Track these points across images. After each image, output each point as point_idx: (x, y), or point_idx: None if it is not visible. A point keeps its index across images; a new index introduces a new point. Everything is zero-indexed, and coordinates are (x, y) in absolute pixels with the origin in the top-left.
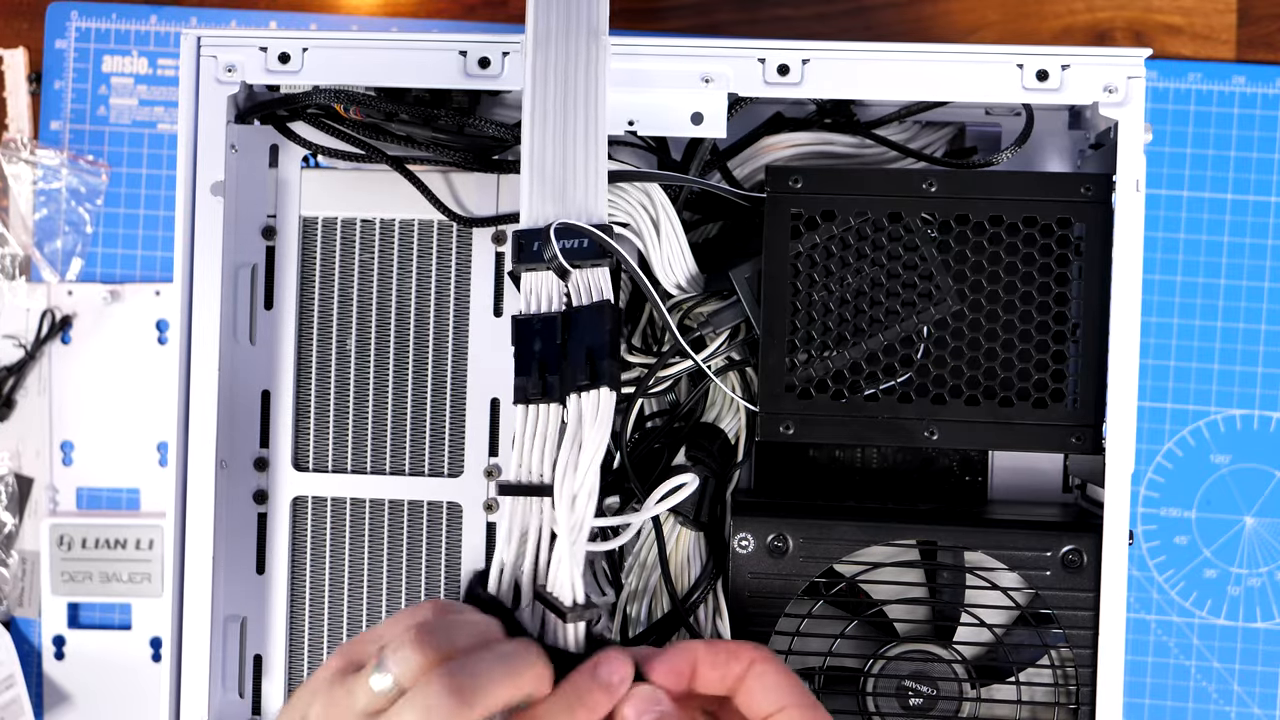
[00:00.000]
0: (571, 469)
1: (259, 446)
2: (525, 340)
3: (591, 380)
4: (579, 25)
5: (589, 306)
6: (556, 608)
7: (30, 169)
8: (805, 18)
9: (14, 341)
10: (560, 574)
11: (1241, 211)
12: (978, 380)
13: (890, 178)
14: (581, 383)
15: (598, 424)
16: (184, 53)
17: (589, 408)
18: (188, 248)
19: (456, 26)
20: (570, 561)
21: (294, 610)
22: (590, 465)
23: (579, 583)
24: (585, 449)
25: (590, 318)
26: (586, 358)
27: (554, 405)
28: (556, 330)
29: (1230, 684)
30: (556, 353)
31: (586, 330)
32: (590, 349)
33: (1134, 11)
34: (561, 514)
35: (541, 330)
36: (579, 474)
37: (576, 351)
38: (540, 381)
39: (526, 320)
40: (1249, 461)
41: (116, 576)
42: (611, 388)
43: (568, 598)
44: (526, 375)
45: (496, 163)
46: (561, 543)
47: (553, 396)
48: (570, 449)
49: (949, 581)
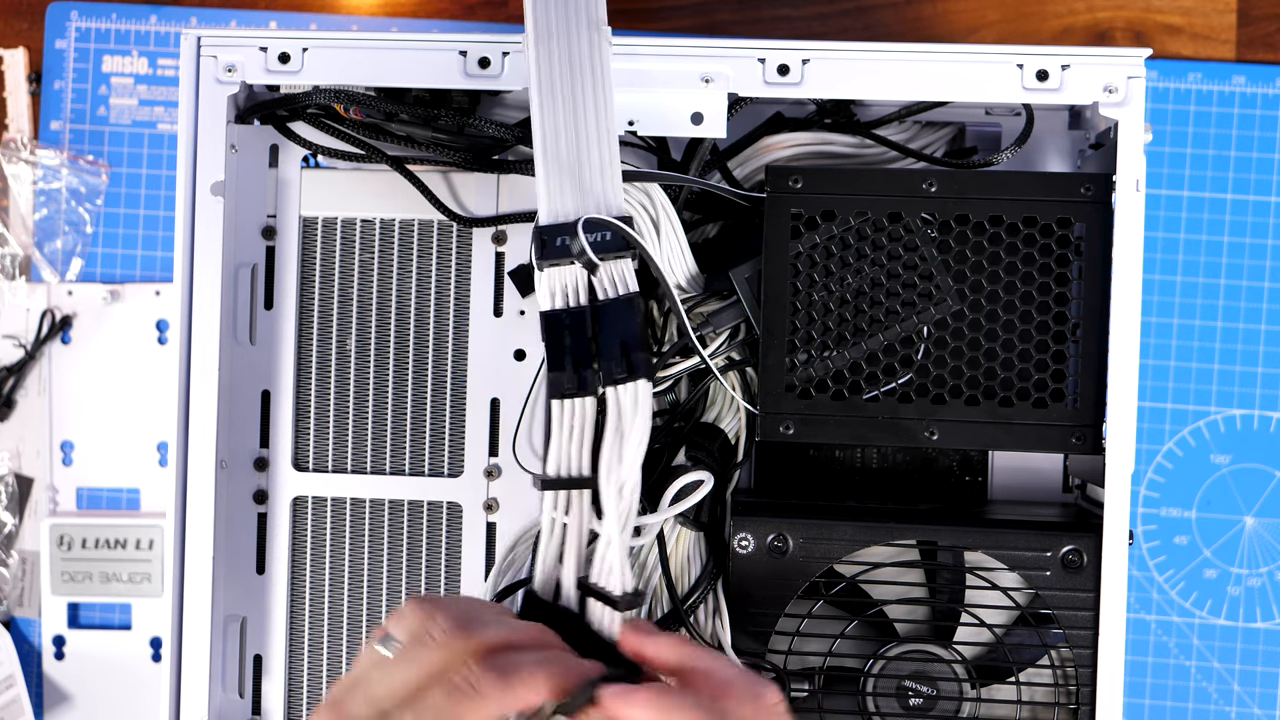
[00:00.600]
0: (617, 460)
1: (259, 446)
2: (555, 335)
3: (629, 373)
4: (578, 18)
5: (619, 300)
6: (608, 598)
7: (30, 169)
8: (805, 18)
9: (14, 341)
10: (612, 564)
11: (1241, 211)
12: (978, 380)
13: (890, 178)
14: (619, 375)
15: (639, 414)
16: (184, 53)
17: (628, 399)
18: (188, 248)
19: (456, 26)
20: (622, 551)
21: (294, 610)
22: (636, 455)
23: (629, 571)
24: (630, 439)
25: (621, 311)
26: (622, 351)
27: (589, 399)
28: (586, 324)
29: (1230, 684)
30: (587, 347)
31: (618, 323)
32: (624, 342)
33: (1134, 11)
34: (610, 503)
35: (571, 325)
36: (624, 465)
37: (610, 345)
38: (575, 376)
39: (555, 315)
40: (1249, 461)
41: (116, 576)
42: (649, 378)
43: (618, 587)
44: (561, 370)
45: (496, 163)
46: (611, 532)
47: (588, 390)
48: (614, 440)
49: (949, 581)
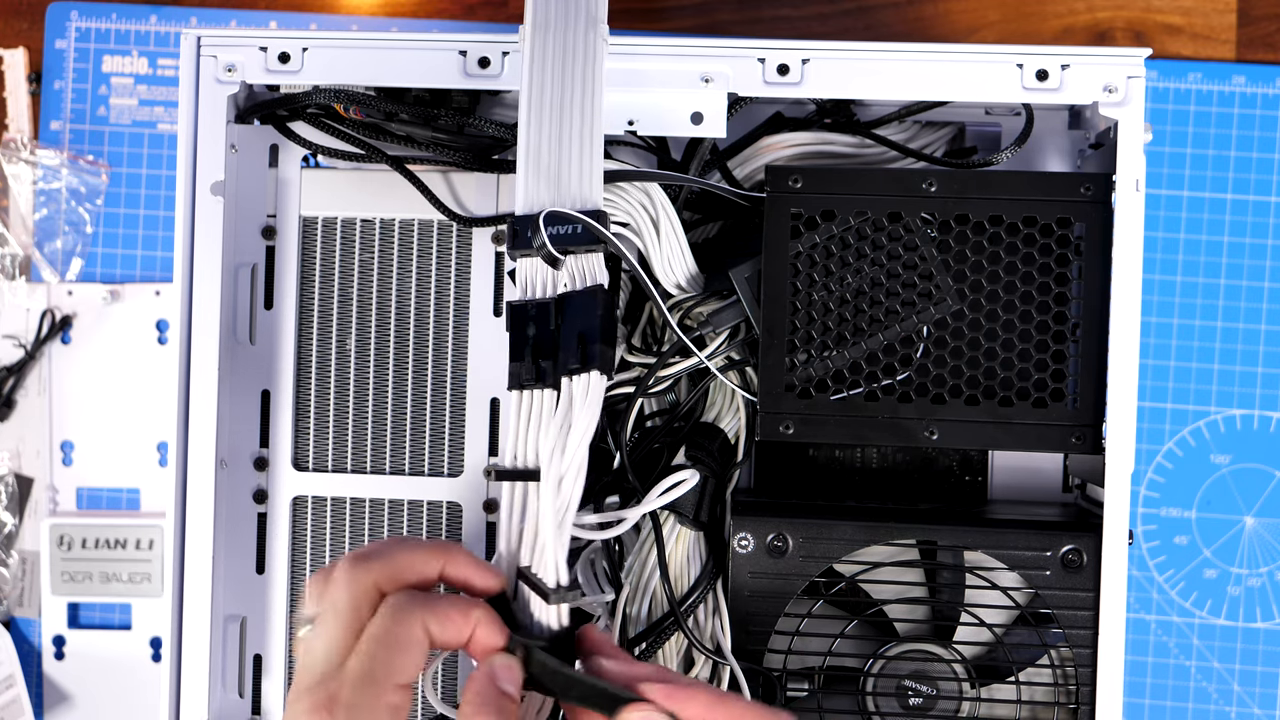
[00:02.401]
0: (559, 451)
1: (259, 446)
2: (519, 327)
3: (583, 364)
4: (578, 14)
5: (581, 291)
6: (540, 588)
7: (30, 169)
8: (805, 18)
9: (14, 341)
10: (545, 554)
11: (1241, 211)
12: (978, 380)
13: (890, 178)
14: (573, 366)
15: (587, 406)
16: (184, 53)
17: (579, 391)
18: (188, 248)
19: (456, 26)
20: (555, 543)
21: (294, 610)
22: (578, 447)
23: (563, 564)
24: (574, 431)
25: (582, 302)
26: (578, 342)
27: (548, 391)
28: (550, 316)
29: (1230, 684)
30: (550, 339)
31: (578, 314)
32: (582, 333)
33: (1134, 11)
34: (547, 495)
35: (535, 316)
36: (566, 456)
37: (569, 336)
38: (534, 367)
39: (521, 306)
40: (1249, 461)
41: (116, 576)
42: (602, 371)
43: (551, 579)
44: (520, 361)
45: (496, 163)
46: (546, 523)
47: (546, 382)
48: (559, 431)
49: (949, 581)
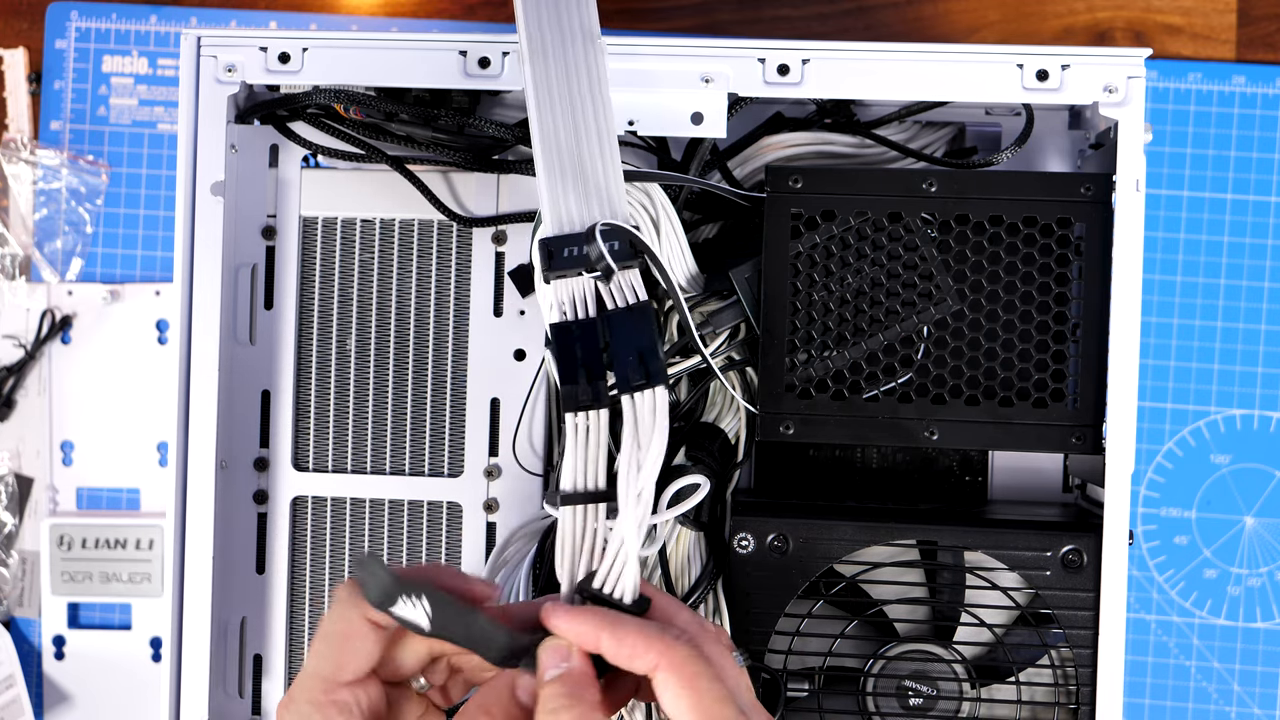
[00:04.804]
0: (635, 468)
1: (259, 446)
2: (566, 348)
3: (647, 380)
4: (573, 32)
5: (632, 308)
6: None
7: (30, 169)
8: (805, 18)
9: (14, 341)
10: (626, 574)
11: (1241, 211)
12: (978, 380)
13: (890, 178)
14: (637, 383)
15: (657, 423)
16: (184, 53)
17: (645, 408)
18: (188, 248)
19: (456, 26)
20: (635, 561)
21: (294, 610)
22: (655, 463)
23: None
24: (652, 447)
25: (635, 319)
26: (638, 359)
27: (604, 411)
28: (597, 335)
29: (1230, 684)
30: (599, 358)
31: (632, 332)
32: (640, 350)
33: (1134, 11)
34: (627, 513)
35: (582, 336)
36: (643, 473)
37: (625, 353)
38: (590, 389)
39: (565, 327)
40: (1249, 461)
41: (116, 576)
42: (666, 385)
43: (630, 597)
44: (574, 384)
45: (496, 163)
46: (630, 542)
47: (603, 403)
48: (631, 449)
49: (949, 581)
